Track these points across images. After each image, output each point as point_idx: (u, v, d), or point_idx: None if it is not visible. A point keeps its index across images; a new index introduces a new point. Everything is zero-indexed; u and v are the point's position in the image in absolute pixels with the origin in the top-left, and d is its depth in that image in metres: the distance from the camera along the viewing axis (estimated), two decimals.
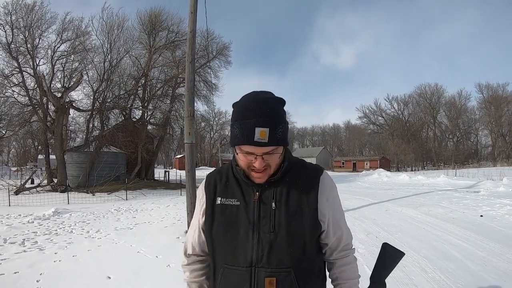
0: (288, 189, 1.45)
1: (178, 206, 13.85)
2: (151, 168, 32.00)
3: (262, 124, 1.32)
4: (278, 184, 1.46)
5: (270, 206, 1.42)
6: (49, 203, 14.70)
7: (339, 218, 1.54)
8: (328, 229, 1.50)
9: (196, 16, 9.10)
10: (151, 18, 30.72)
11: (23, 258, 6.37)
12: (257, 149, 1.35)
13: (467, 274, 5.27)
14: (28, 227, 9.43)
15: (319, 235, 1.49)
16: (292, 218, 1.41)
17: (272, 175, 1.45)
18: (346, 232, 1.57)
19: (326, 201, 1.48)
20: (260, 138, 1.31)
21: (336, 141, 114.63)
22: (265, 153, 1.36)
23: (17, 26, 22.59)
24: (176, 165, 75.71)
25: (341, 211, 1.58)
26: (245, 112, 1.37)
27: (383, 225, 9.39)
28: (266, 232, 1.39)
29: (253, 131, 1.32)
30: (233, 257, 1.41)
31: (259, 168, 1.38)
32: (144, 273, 5.45)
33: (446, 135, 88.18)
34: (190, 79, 8.93)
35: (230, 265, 1.42)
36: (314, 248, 1.48)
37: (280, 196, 1.44)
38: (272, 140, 1.33)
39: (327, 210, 1.47)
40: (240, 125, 1.36)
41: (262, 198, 1.44)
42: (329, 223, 1.49)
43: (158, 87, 30.46)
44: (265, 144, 1.33)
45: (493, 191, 17.51)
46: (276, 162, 1.42)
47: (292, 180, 1.47)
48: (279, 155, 1.42)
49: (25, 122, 24.11)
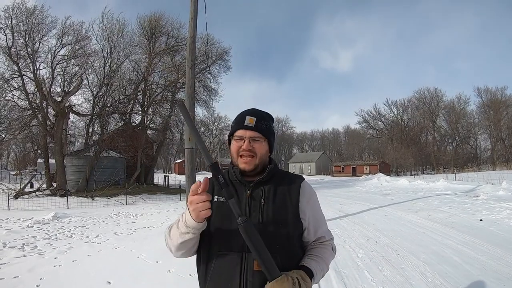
0: (275, 189, 1.72)
1: (178, 211, 13.84)
2: (150, 172, 32.01)
3: (251, 114, 1.75)
4: (266, 184, 1.72)
5: (260, 201, 1.67)
6: (49, 207, 14.69)
7: (318, 218, 1.81)
8: (309, 227, 1.75)
9: (197, 21, 9.16)
10: (151, 23, 30.83)
11: (23, 262, 6.38)
12: (245, 132, 1.71)
13: (466, 278, 5.29)
14: (28, 231, 9.44)
15: (301, 233, 1.75)
16: (278, 212, 1.66)
17: (260, 174, 1.74)
18: (326, 230, 1.84)
19: (306, 203, 1.74)
20: (249, 123, 1.71)
21: (335, 146, 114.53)
22: (252, 138, 1.70)
23: (18, 30, 22.68)
24: (176, 169, 75.61)
25: (321, 214, 1.84)
26: (241, 112, 1.79)
27: (382, 230, 9.40)
28: (256, 222, 1.59)
29: (243, 118, 1.73)
30: (227, 245, 1.62)
31: (245, 149, 1.69)
32: (144, 278, 5.45)
33: (446, 139, 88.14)
34: (190, 85, 8.99)
35: (224, 251, 1.62)
36: (297, 242, 1.72)
37: (268, 194, 1.69)
38: (257, 127, 1.72)
39: (307, 210, 1.73)
40: (236, 118, 1.79)
41: (253, 195, 1.69)
42: (309, 221, 1.74)
43: (157, 92, 30.55)
44: (251, 128, 1.70)
45: (492, 195, 17.51)
46: (261, 151, 1.73)
47: (278, 182, 1.74)
48: (263, 146, 1.74)
49: (25, 126, 24.08)
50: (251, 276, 1.55)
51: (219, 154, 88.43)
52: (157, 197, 21.36)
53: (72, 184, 22.19)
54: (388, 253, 6.91)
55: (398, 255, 6.73)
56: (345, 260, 6.37)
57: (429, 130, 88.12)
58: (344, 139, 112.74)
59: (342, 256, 6.60)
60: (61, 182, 21.36)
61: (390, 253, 6.91)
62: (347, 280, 5.25)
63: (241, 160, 1.71)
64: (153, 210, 14.53)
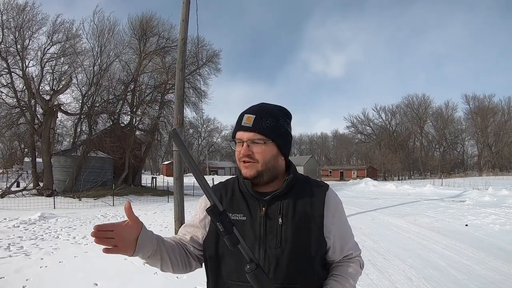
0: (294, 204, 1.44)
1: (166, 213, 13.82)
2: (138, 174, 31.88)
3: (250, 111, 1.45)
4: (283, 198, 1.45)
5: (277, 221, 1.41)
6: (35, 207, 14.56)
7: (345, 233, 1.54)
8: (334, 246, 1.49)
9: (188, 24, 9.17)
10: (142, 23, 30.73)
11: (9, 263, 6.33)
12: (243, 134, 1.42)
13: (452, 282, 5.39)
14: (14, 231, 9.36)
15: (325, 252, 1.48)
16: (299, 234, 1.40)
17: (275, 184, 1.48)
18: (353, 246, 1.57)
19: (332, 217, 1.47)
20: (246, 122, 1.42)
21: (323, 150, 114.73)
22: (250, 140, 1.41)
23: (8, 26, 22.46)
24: (164, 171, 74.89)
25: (347, 227, 1.57)
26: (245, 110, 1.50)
27: (369, 234, 9.49)
28: (272, 247, 1.39)
29: (242, 118, 1.45)
30: (239, 272, 1.34)
31: (243, 154, 1.42)
32: (131, 280, 5.45)
33: (433, 145, 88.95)
34: (180, 87, 8.99)
35: (235, 280, 1.38)
36: (320, 263, 1.47)
37: (286, 211, 1.42)
38: (256, 125, 1.41)
39: (333, 226, 1.47)
40: (237, 119, 1.48)
41: (268, 213, 1.43)
42: (335, 239, 1.48)
43: (147, 92, 30.42)
44: (248, 128, 1.41)
45: (478, 200, 17.79)
46: (264, 156, 1.42)
47: (297, 195, 1.47)
48: (266, 149, 1.43)
49: (12, 123, 23.82)
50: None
51: (208, 157, 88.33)
52: (145, 199, 21.29)
53: (59, 184, 21.99)
54: (374, 257, 6.98)
55: (384, 259, 6.82)
56: None
57: (416, 135, 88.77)
58: (332, 143, 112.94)
59: None
60: (48, 181, 21.14)
61: (376, 257, 6.99)
62: None
63: (242, 165, 1.45)
64: (140, 212, 14.46)
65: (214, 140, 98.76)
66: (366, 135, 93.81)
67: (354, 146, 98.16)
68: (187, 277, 5.31)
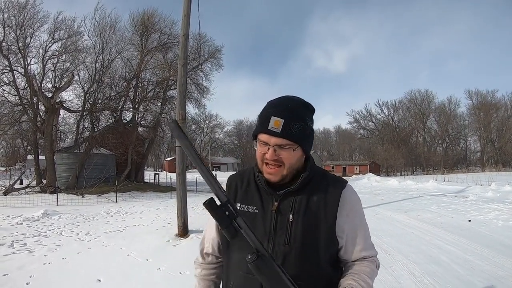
0: (308, 200, 1.43)
1: (168, 209, 13.81)
2: (141, 170, 31.94)
3: (278, 114, 1.35)
4: (297, 195, 1.43)
5: (288, 217, 1.40)
6: (38, 204, 14.59)
7: (360, 233, 1.49)
8: (347, 245, 1.46)
9: (190, 19, 9.14)
10: (144, 19, 30.64)
11: (12, 260, 6.35)
12: (270, 139, 1.35)
13: (455, 278, 5.37)
14: (17, 228, 9.38)
15: (337, 251, 1.47)
16: (308, 233, 1.40)
17: (290, 183, 1.44)
18: (368, 246, 1.50)
19: (346, 216, 1.44)
20: (274, 127, 1.33)
21: (326, 145, 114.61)
22: (278, 145, 1.35)
23: (9, 24, 22.34)
24: (166, 167, 74.97)
25: (364, 227, 1.52)
26: (269, 105, 1.43)
27: (372, 229, 9.35)
28: (281, 244, 1.39)
29: (268, 119, 1.35)
30: (247, 265, 1.28)
31: (269, 160, 1.37)
32: (134, 276, 5.46)
33: (436, 141, 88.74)
34: (182, 83, 8.97)
35: (245, 272, 1.38)
36: (329, 263, 1.45)
37: (298, 208, 1.41)
38: (285, 131, 1.34)
39: (346, 225, 1.44)
40: (261, 115, 1.42)
41: (280, 208, 1.42)
42: (347, 239, 1.46)
43: (149, 89, 30.46)
44: (277, 133, 1.33)
45: (481, 196, 17.77)
46: (291, 161, 1.39)
47: (312, 191, 1.45)
48: (294, 154, 1.39)
49: (15, 121, 23.76)
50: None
51: (210, 153, 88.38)
52: (147, 195, 21.25)
53: (62, 181, 22.02)
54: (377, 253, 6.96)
55: (387, 255, 6.81)
56: None
57: (419, 131, 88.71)
58: (335, 139, 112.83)
59: None
60: (51, 179, 21.21)
61: (380, 253, 6.92)
62: None
63: (266, 169, 1.41)
64: (143, 208, 14.52)
65: (217, 136, 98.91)
66: (369, 131, 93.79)
67: (357, 141, 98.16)
68: (190, 273, 5.32)
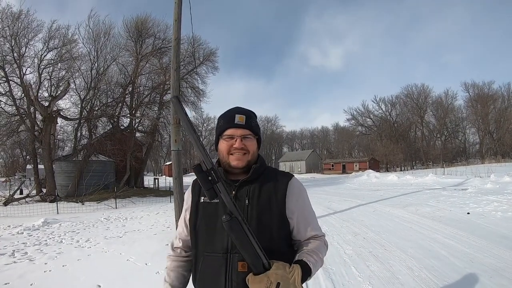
0: (260, 188, 1.70)
1: (168, 213, 13.86)
2: (140, 175, 31.97)
3: (240, 113, 1.74)
4: (251, 184, 1.70)
5: (244, 202, 1.66)
6: (39, 213, 14.61)
7: (308, 216, 1.78)
8: (298, 226, 1.73)
9: (181, 23, 9.17)
10: (137, 25, 30.73)
11: (13, 269, 6.38)
12: (236, 131, 1.70)
13: (453, 271, 5.40)
14: (18, 238, 9.42)
15: (290, 232, 1.74)
16: (262, 213, 1.65)
17: (246, 173, 1.72)
18: (316, 227, 1.78)
19: (295, 201, 1.72)
20: (239, 121, 1.70)
21: (325, 143, 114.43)
22: (243, 136, 1.70)
23: (3, 35, 22.27)
24: (166, 172, 74.91)
25: (311, 211, 1.82)
26: (228, 111, 1.78)
27: (370, 226, 9.52)
28: None
29: (233, 117, 1.71)
30: (212, 246, 1.65)
31: (238, 147, 1.68)
32: (134, 281, 5.50)
33: (434, 134, 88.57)
34: (176, 87, 9.00)
35: (210, 252, 1.65)
36: (284, 241, 1.70)
37: (252, 194, 1.68)
38: (248, 124, 1.72)
39: (295, 208, 1.71)
40: (223, 117, 1.76)
41: (238, 195, 1.68)
42: (298, 220, 1.72)
43: (145, 94, 30.49)
44: (242, 125, 1.70)
45: (480, 188, 17.79)
46: (253, 148, 1.74)
47: (264, 181, 1.72)
48: (254, 144, 1.75)
49: (13, 132, 23.77)
50: (235, 277, 1.56)
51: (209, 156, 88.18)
52: (147, 200, 21.32)
53: (61, 189, 22.03)
54: (375, 249, 7.02)
55: (385, 250, 6.85)
56: (332, 256, 6.46)
57: (417, 125, 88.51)
58: (333, 136, 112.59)
59: (330, 253, 6.62)
60: (50, 187, 21.23)
61: (378, 249, 7.03)
62: (334, 277, 5.34)
63: (233, 157, 1.69)
64: (143, 213, 14.55)
65: None
66: (367, 127, 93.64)
67: (355, 138, 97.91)
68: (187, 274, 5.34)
